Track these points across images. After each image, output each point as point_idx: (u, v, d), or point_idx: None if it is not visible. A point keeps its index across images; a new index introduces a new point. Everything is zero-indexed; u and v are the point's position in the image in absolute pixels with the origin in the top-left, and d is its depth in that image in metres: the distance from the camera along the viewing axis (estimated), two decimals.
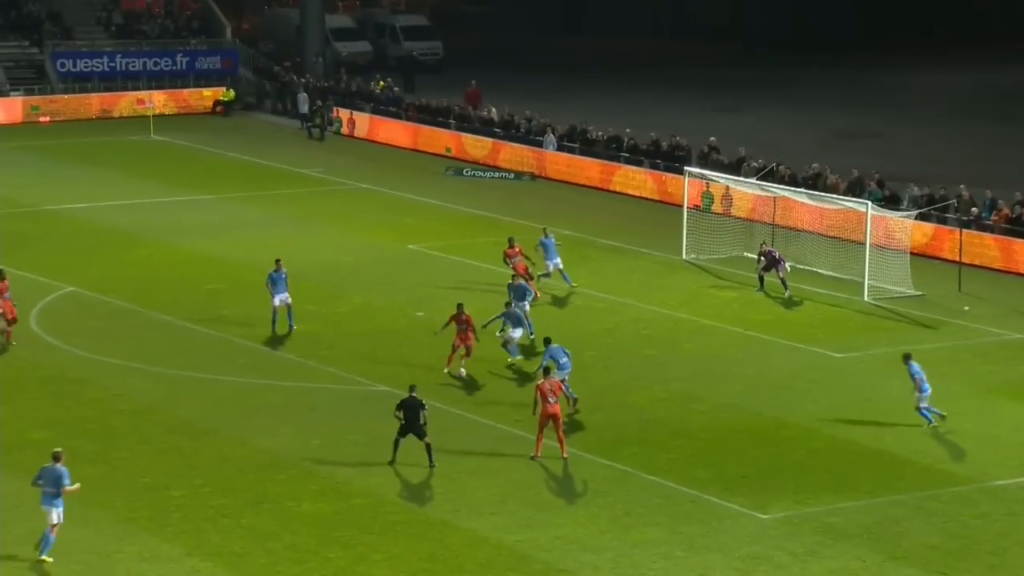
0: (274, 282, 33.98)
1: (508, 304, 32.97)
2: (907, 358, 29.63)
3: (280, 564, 23.48)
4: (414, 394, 26.90)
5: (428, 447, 26.86)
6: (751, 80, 71.81)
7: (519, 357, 32.17)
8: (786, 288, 37.89)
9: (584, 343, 33.48)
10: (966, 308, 37.54)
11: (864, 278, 38.27)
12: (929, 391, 29.34)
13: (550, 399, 27.00)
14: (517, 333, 32.28)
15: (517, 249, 36.83)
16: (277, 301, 33.86)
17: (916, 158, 54.14)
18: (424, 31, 77.39)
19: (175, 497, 25.77)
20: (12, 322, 32.97)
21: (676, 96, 67.33)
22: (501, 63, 74.91)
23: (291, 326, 33.93)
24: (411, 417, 26.73)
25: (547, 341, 30.12)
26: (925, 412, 29.40)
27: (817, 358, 33.72)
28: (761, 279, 38.36)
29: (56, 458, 23.61)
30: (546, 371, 27.95)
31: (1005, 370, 33.15)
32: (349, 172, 52.88)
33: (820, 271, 40.19)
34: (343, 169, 53.38)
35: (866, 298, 38.03)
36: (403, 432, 26.84)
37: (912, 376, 29.40)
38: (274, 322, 33.98)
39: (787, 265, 38.04)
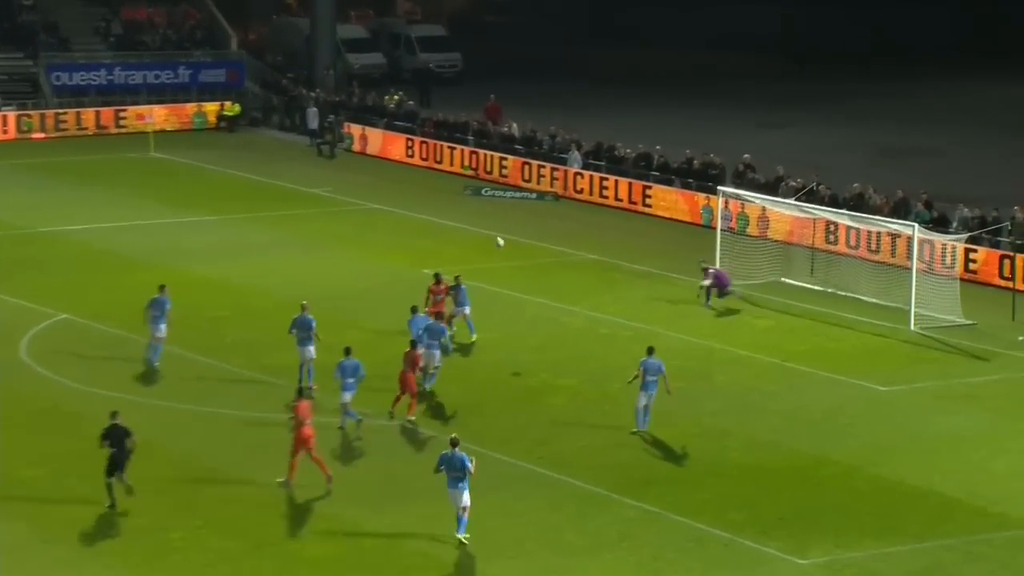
0: (299, 328, 32.55)
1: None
2: (650, 351, 30.58)
3: None
4: (117, 421, 26.76)
5: (109, 486, 26.42)
6: (794, 94, 71.79)
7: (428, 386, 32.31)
8: (707, 300, 39.07)
9: (610, 375, 33.42)
10: (1021, 338, 37.38)
11: (910, 306, 38.18)
12: (653, 394, 30.09)
13: (306, 422, 27.25)
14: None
15: (443, 287, 35.99)
16: (308, 356, 32.42)
17: (967, 177, 54.02)
18: (441, 42, 77.65)
19: (173, 539, 25.79)
20: None
21: (713, 111, 67.33)
22: (523, 76, 75.09)
23: (310, 384, 32.42)
24: (117, 447, 26.56)
25: (347, 351, 30.44)
26: (639, 414, 30.25)
27: (860, 391, 33.61)
28: (708, 292, 39.26)
29: (454, 444, 25.57)
30: (300, 392, 27.83)
31: None
32: (361, 191, 53.02)
33: (863, 298, 40.11)
34: (354, 188, 53.52)
35: (912, 327, 37.92)
36: (112, 466, 26.56)
37: (640, 365, 30.19)
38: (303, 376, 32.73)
39: (711, 281, 39.26)
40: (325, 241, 46.40)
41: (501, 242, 38.67)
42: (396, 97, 62.55)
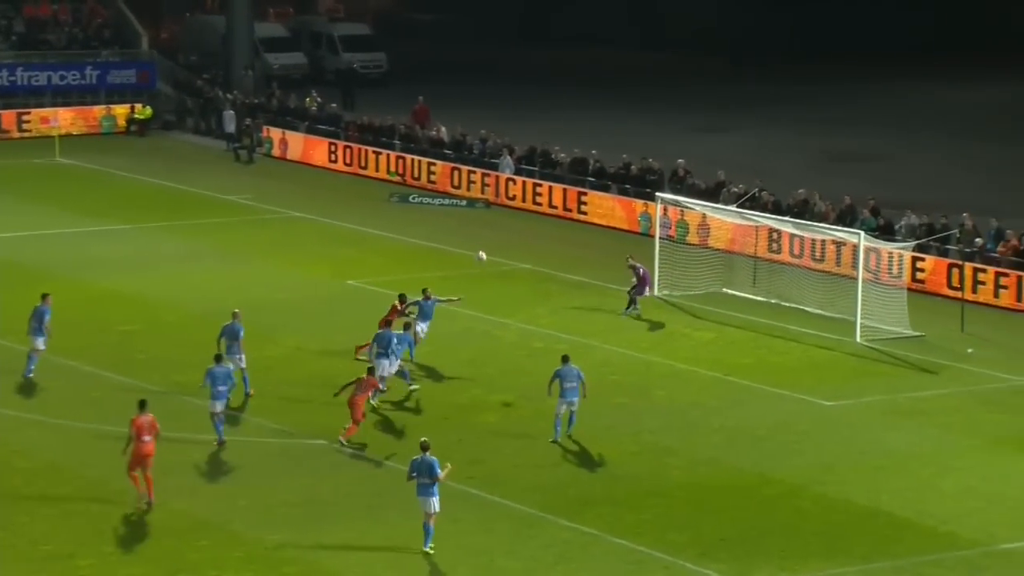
0: (228, 337, 32.98)
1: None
2: (564, 359, 31.17)
3: None
4: None
5: None
6: (736, 97, 72.38)
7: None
8: (633, 306, 39.44)
9: (545, 390, 33.53)
10: (970, 350, 37.87)
11: (856, 317, 38.59)
12: (575, 400, 30.68)
13: (144, 437, 27.35)
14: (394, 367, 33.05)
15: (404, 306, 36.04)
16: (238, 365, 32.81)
17: (915, 183, 54.70)
18: (366, 41, 77.67)
19: (82, 567, 25.60)
20: None
21: (652, 114, 67.77)
22: (453, 77, 75.24)
23: (247, 392, 33.09)
24: None
25: (218, 358, 30.94)
26: (559, 423, 30.92)
27: (805, 406, 33.93)
28: (633, 299, 39.65)
29: (424, 448, 26.05)
30: (141, 405, 27.91)
31: (1013, 419, 33.43)
32: (281, 199, 52.93)
33: (807, 309, 40.50)
34: (274, 195, 53.43)
35: (859, 339, 38.33)
36: None
37: (554, 374, 30.83)
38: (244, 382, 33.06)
39: (641, 288, 39.70)
40: (243, 251, 46.28)
41: (483, 256, 38.84)
42: (311, 99, 62.24)
